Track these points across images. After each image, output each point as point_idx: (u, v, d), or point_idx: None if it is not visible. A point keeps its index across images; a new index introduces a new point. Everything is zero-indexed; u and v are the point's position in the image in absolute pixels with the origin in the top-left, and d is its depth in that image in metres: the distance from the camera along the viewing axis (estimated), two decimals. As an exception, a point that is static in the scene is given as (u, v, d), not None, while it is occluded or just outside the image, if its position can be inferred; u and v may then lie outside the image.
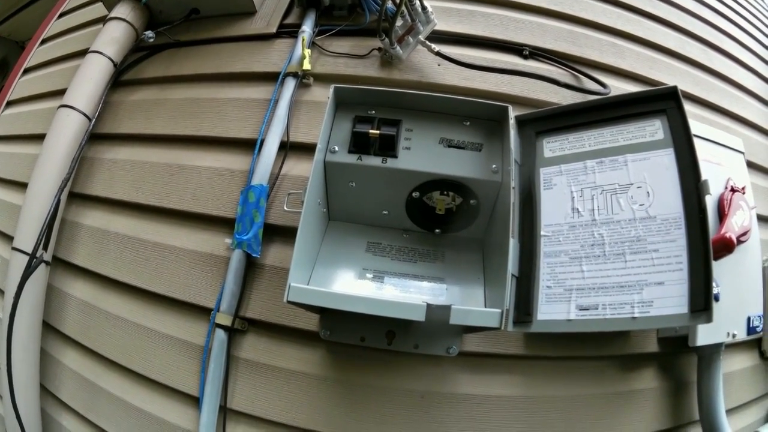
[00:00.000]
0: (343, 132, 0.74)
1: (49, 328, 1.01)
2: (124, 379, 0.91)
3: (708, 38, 1.31)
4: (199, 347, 0.84)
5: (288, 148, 0.91)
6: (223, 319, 0.81)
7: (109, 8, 1.15)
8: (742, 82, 1.31)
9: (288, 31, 1.06)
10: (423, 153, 0.73)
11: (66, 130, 1.03)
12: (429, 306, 0.57)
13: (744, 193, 0.89)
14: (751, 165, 1.02)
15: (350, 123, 0.74)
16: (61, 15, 1.66)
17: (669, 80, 1.11)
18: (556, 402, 0.79)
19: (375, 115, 0.74)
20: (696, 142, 0.67)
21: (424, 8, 0.91)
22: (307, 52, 0.96)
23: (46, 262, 0.98)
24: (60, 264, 1.06)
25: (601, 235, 0.70)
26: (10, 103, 1.57)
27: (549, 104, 0.91)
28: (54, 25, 1.65)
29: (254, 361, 0.81)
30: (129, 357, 0.91)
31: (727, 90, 1.26)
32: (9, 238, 1.18)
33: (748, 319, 0.84)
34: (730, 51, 1.36)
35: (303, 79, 0.97)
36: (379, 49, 0.98)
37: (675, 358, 0.87)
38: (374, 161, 0.72)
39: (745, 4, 1.64)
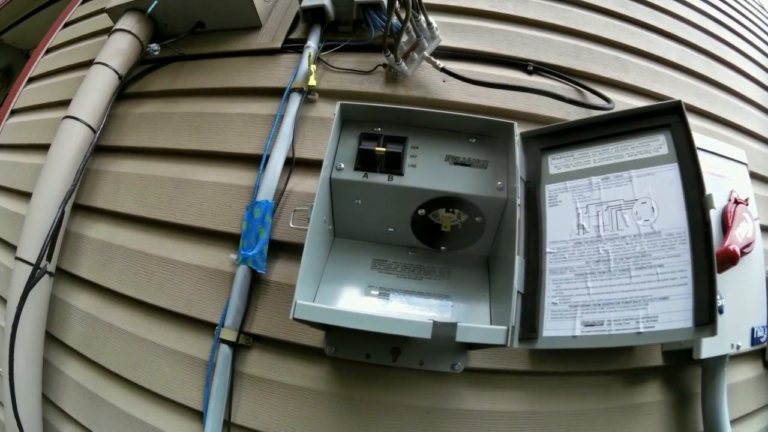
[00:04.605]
0: (349, 149, 0.74)
1: (51, 339, 1.01)
2: (127, 391, 0.91)
3: (711, 50, 1.31)
4: (204, 362, 0.84)
5: (293, 164, 0.91)
6: (228, 334, 0.81)
7: (114, 19, 1.16)
8: (745, 93, 1.31)
9: (293, 46, 1.06)
10: (429, 170, 0.73)
11: (70, 142, 1.03)
12: (435, 323, 0.57)
13: (747, 205, 0.89)
14: (754, 176, 1.01)
15: (356, 140, 0.75)
16: (66, 24, 1.66)
17: (672, 93, 1.11)
18: (561, 417, 0.79)
19: (381, 132, 0.75)
20: (699, 155, 0.67)
21: (429, 24, 0.91)
22: (313, 67, 0.96)
23: (50, 273, 0.98)
24: (64, 275, 1.06)
25: (606, 251, 0.70)
26: (14, 112, 1.58)
27: (554, 120, 0.92)
28: (59, 35, 1.65)
29: (259, 377, 0.81)
30: (132, 370, 0.90)
31: (730, 101, 1.26)
32: (12, 247, 1.18)
33: (752, 330, 0.84)
34: (733, 62, 1.36)
35: (308, 95, 0.97)
36: (384, 65, 0.98)
37: (679, 371, 0.87)
38: (380, 179, 0.72)
39: (749, 15, 1.64)
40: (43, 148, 1.10)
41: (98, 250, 1.04)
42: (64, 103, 1.12)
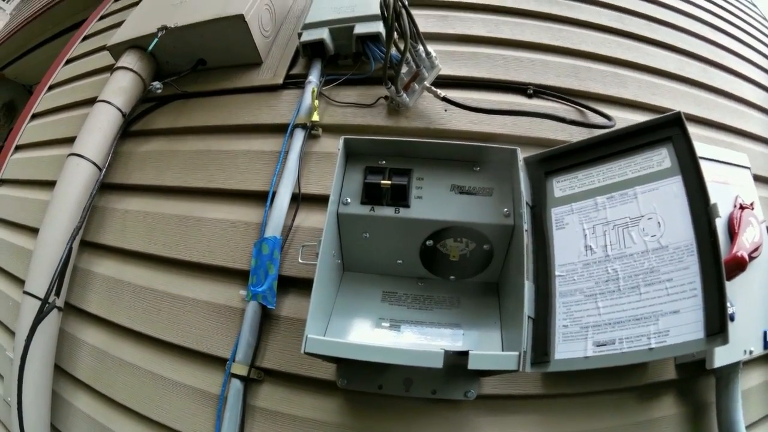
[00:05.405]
0: (354, 183, 0.75)
1: (61, 372, 1.01)
2: (137, 424, 0.90)
3: (707, 56, 1.32)
4: (215, 396, 0.83)
5: (300, 200, 0.92)
6: (239, 368, 0.81)
7: (116, 57, 1.17)
8: (743, 96, 1.31)
9: (294, 81, 1.07)
10: (435, 201, 0.73)
11: (76, 179, 1.04)
12: (446, 353, 0.57)
13: (753, 209, 0.89)
14: (757, 178, 1.01)
15: (361, 174, 0.75)
16: (68, 61, 1.69)
17: (672, 104, 1.11)
18: (576, 438, 0.79)
19: (386, 165, 0.75)
20: (702, 164, 0.67)
21: (428, 53, 0.92)
22: (316, 103, 0.96)
23: (59, 308, 0.98)
24: (72, 310, 1.06)
25: (615, 270, 0.70)
26: (18, 148, 1.59)
27: (556, 142, 0.92)
28: (61, 72, 1.68)
29: (271, 410, 0.81)
30: (143, 404, 0.90)
31: (730, 106, 1.26)
32: (19, 281, 1.19)
33: (764, 333, 0.83)
34: (730, 66, 1.36)
35: (312, 130, 0.98)
36: (386, 97, 0.98)
37: (693, 383, 0.86)
38: (387, 212, 0.73)
39: (743, 16, 1.65)
40: (49, 184, 1.11)
41: (107, 286, 1.04)
42: (69, 141, 1.13)
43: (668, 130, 0.72)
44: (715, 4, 1.56)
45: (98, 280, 1.06)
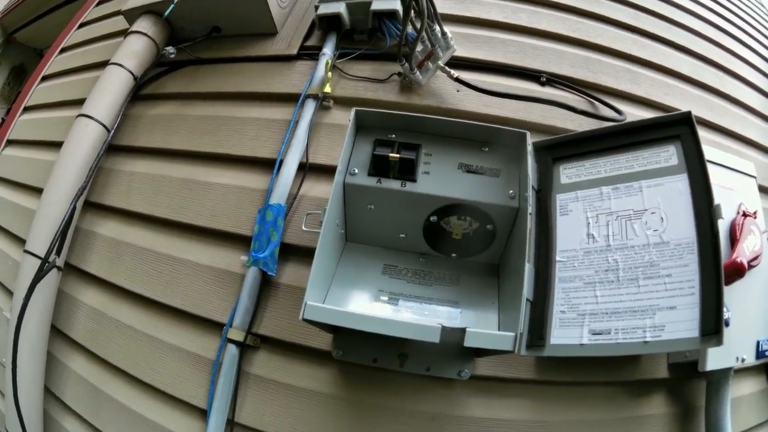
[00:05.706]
0: (363, 155, 0.75)
1: (57, 332, 1.02)
2: (130, 387, 0.91)
3: (721, 62, 1.32)
4: (210, 361, 0.84)
5: (307, 169, 0.92)
6: (236, 334, 0.81)
7: (130, 21, 1.17)
8: (754, 106, 1.31)
9: (308, 53, 1.07)
10: (442, 177, 0.74)
11: (84, 140, 1.04)
12: (443, 328, 0.57)
13: (755, 218, 0.89)
14: (762, 189, 1.01)
15: (370, 146, 0.75)
16: (81, 25, 1.68)
17: (683, 106, 1.11)
18: (565, 427, 0.79)
19: (395, 139, 0.75)
20: (709, 167, 0.67)
21: (443, 34, 0.92)
22: (329, 75, 0.97)
23: (58, 268, 0.99)
24: (72, 270, 1.07)
25: (615, 260, 0.70)
26: (27, 109, 1.59)
27: (566, 131, 0.92)
28: (74, 35, 1.67)
29: (265, 377, 0.82)
30: (137, 366, 0.91)
31: (740, 114, 1.26)
32: (20, 241, 1.19)
33: (758, 343, 0.84)
34: (743, 75, 1.36)
35: (323, 101, 0.98)
36: (399, 73, 0.98)
37: (684, 384, 0.86)
38: (393, 184, 0.73)
39: (760, 27, 1.64)
40: (56, 145, 1.11)
41: (108, 247, 1.05)
42: (78, 102, 1.13)
43: (677, 128, 0.72)
44: (730, 11, 1.56)
45: (100, 241, 1.06)
